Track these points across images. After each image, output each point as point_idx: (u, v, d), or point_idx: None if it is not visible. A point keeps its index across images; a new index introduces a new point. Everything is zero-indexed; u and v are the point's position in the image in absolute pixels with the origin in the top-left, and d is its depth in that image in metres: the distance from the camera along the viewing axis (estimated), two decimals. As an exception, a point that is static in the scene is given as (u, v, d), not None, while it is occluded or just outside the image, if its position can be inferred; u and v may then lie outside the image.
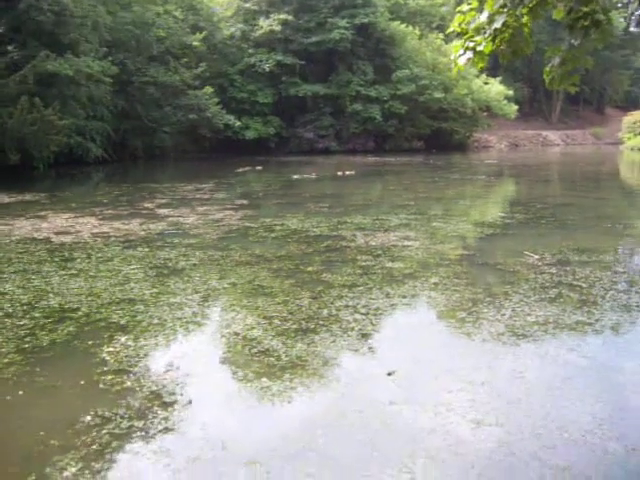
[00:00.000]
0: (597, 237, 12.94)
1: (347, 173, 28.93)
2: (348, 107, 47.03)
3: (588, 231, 13.82)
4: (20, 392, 5.65)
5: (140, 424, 5.01)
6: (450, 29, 5.62)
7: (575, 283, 9.02)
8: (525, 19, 5.23)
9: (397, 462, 4.45)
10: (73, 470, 4.38)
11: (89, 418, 5.10)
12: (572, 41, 5.16)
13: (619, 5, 64.76)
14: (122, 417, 5.11)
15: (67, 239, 12.49)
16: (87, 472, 4.36)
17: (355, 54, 47.59)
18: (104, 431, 4.89)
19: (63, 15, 28.19)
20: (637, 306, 8.00)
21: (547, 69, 5.47)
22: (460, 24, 5.41)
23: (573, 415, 5.11)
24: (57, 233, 13.18)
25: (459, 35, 5.55)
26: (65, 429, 4.97)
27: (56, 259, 10.74)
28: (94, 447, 4.67)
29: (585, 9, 5.12)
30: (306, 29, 46.03)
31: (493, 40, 5.13)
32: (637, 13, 73.35)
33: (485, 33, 5.16)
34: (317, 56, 47.31)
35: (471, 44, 5.24)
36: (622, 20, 64.44)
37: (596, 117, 74.13)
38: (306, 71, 47.53)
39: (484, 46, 5.18)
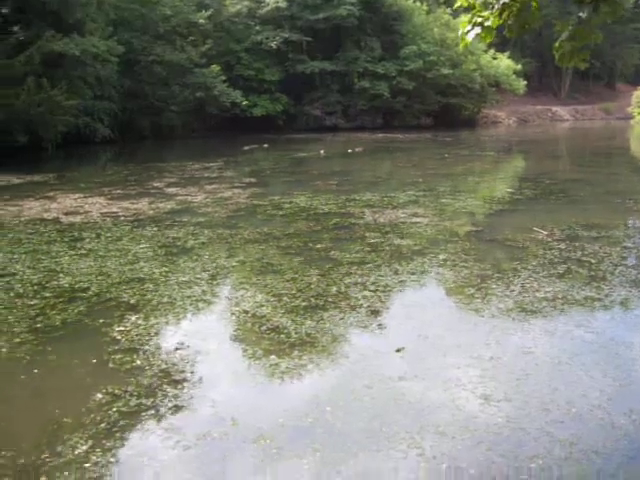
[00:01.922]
0: (606, 213, 12.88)
1: (356, 150, 28.86)
2: (355, 84, 46.75)
3: (597, 207, 13.76)
4: (35, 370, 5.71)
5: (151, 402, 5.05)
6: (457, 3, 5.55)
7: (584, 259, 9.00)
8: (533, -7, 5.16)
9: (406, 437, 4.48)
10: (84, 447, 4.43)
11: (100, 396, 5.15)
12: (581, 14, 5.09)
13: (629, -23, 63.89)
14: (133, 395, 5.15)
15: (76, 219, 12.53)
16: (98, 449, 4.41)
17: (362, 30, 47.16)
18: (115, 409, 4.94)
19: (68, -6, 28.02)
20: (646, 281, 7.99)
21: (556, 45, 5.41)
22: (467, -1, 5.34)
23: (581, 390, 5.13)
24: (66, 213, 13.22)
25: (466, 9, 5.49)
26: (78, 407, 5.02)
27: (66, 239, 10.78)
28: (106, 425, 4.72)
29: (594, -18, 5.05)
30: (313, 5, 45.56)
31: (500, 14, 5.07)
32: (648, -15, 72.47)
33: (492, 8, 5.10)
34: (324, 33, 46.93)
35: (479, 19, 5.17)
36: (632, -7, 63.58)
37: (606, 92, 73.43)
38: (313, 48, 47.15)
39: (492, 21, 5.12)
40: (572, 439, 4.43)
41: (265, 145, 32.09)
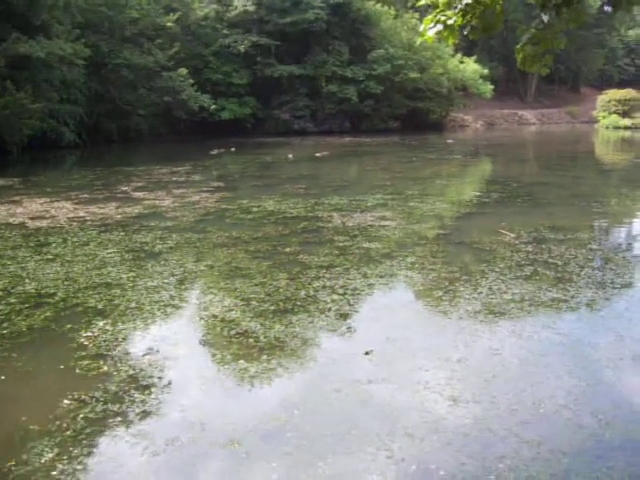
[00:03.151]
0: (572, 215, 13.05)
1: (324, 154, 28.87)
2: (324, 88, 46.74)
3: (564, 209, 13.94)
4: (1, 377, 5.63)
5: (118, 408, 5.01)
6: (422, 2, 5.58)
7: (550, 261, 9.10)
8: (497, -4, 5.21)
9: (375, 440, 4.49)
10: (51, 455, 4.38)
11: (67, 402, 5.10)
12: (543, 18, 5.15)
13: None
14: (100, 401, 5.11)
15: (42, 224, 12.38)
16: (65, 457, 4.36)
17: (330, 34, 47.19)
18: (82, 415, 4.89)
19: (34, -4, 27.71)
20: (611, 283, 8.10)
21: (518, 47, 5.48)
22: (432, -2, 5.37)
23: (548, 391, 5.18)
24: (32, 218, 13.06)
25: (430, 8, 5.52)
26: (44, 414, 4.96)
27: (31, 244, 10.65)
28: (73, 431, 4.67)
29: (557, -13, 5.12)
30: (281, 9, 45.54)
31: (464, 15, 5.11)
32: (611, -9, 73.23)
33: (456, 8, 5.14)
34: (292, 36, 46.90)
35: (442, 17, 5.20)
36: (597, -1, 64.41)
37: (571, 96, 74.32)
38: (281, 52, 47.11)
39: (454, 20, 5.15)
40: (539, 439, 4.47)
41: (233, 149, 31.96)
